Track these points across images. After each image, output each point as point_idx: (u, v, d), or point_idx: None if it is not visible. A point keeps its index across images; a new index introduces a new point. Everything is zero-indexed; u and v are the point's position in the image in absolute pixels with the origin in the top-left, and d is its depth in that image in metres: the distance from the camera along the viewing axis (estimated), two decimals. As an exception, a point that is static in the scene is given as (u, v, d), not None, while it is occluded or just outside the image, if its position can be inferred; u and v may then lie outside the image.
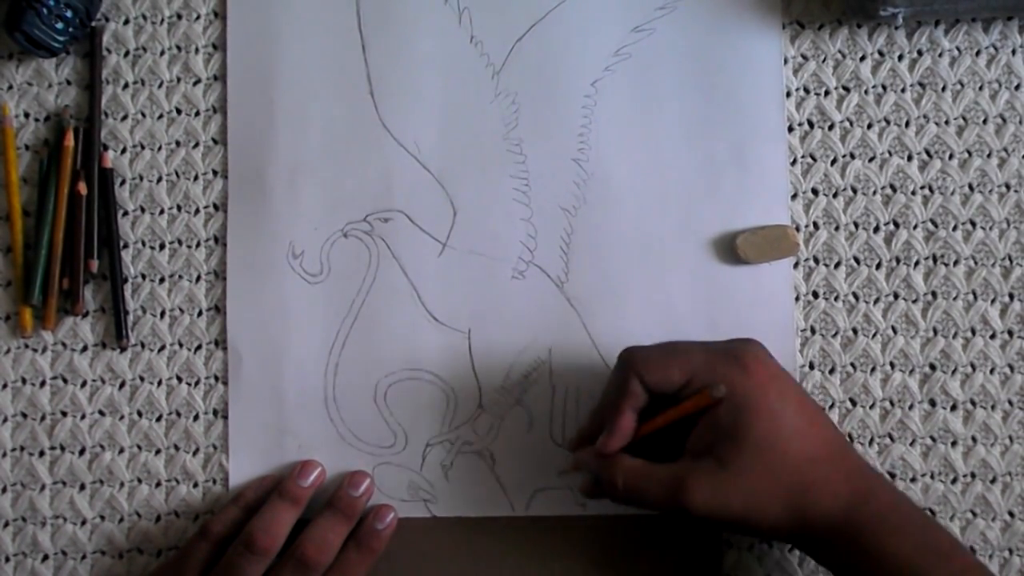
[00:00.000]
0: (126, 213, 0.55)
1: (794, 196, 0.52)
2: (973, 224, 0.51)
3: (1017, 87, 0.52)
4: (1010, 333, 0.51)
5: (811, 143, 0.52)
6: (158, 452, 0.53)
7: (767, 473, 0.41)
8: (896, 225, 0.52)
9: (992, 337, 0.51)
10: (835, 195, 0.52)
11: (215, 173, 0.54)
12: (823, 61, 0.53)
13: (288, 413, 0.52)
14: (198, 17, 0.55)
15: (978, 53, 0.52)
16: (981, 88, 0.52)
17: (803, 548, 0.44)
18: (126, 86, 0.55)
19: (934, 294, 0.51)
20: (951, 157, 0.52)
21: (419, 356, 0.52)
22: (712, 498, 0.41)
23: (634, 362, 0.44)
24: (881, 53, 0.52)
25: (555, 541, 0.51)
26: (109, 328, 0.54)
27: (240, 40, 0.55)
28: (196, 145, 0.55)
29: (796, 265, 0.52)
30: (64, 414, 0.54)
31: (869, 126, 0.52)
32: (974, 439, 0.50)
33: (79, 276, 0.53)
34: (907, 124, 0.52)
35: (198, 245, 0.54)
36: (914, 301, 0.51)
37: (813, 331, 0.51)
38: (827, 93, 0.52)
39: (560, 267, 0.52)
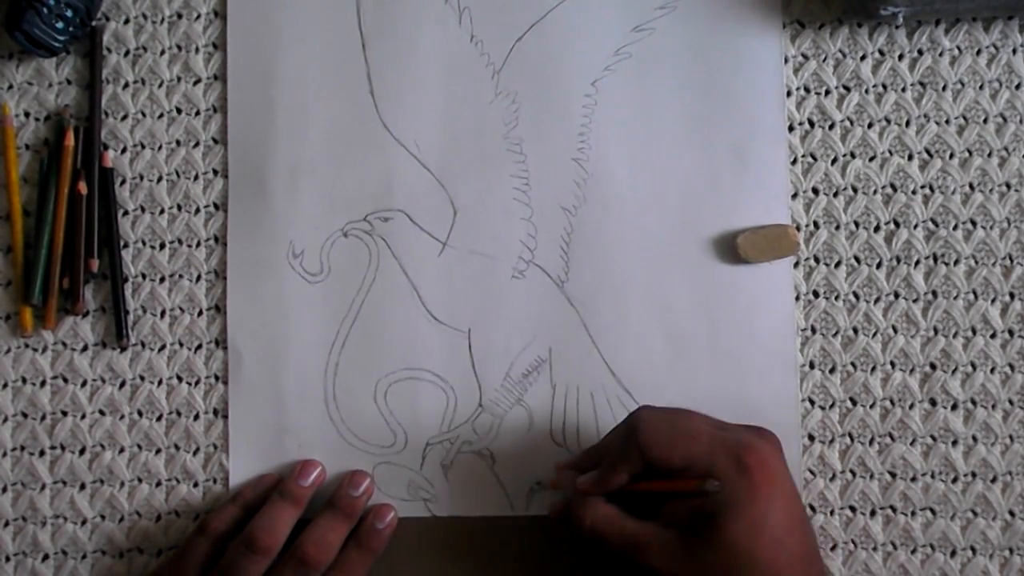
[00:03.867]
0: (126, 213, 0.55)
1: (794, 195, 0.52)
2: (974, 223, 0.51)
3: (1017, 86, 0.52)
4: (1010, 332, 0.50)
5: (811, 142, 0.52)
6: (158, 452, 0.53)
7: (728, 571, 0.41)
8: (896, 224, 0.51)
9: (992, 336, 0.51)
10: (835, 194, 0.52)
11: (215, 173, 0.54)
12: (823, 60, 0.53)
13: (288, 413, 0.52)
14: (198, 17, 0.55)
15: (978, 52, 0.52)
16: (981, 87, 0.52)
17: None
18: (126, 86, 0.55)
19: (934, 293, 0.51)
20: (951, 156, 0.52)
21: (419, 356, 0.52)
22: (666, 568, 0.42)
23: (640, 434, 0.44)
24: (881, 52, 0.52)
25: (555, 541, 0.51)
26: (109, 328, 0.54)
27: (240, 40, 0.55)
28: (196, 145, 0.55)
29: (796, 264, 0.52)
30: (64, 414, 0.54)
31: (869, 125, 0.52)
32: (974, 438, 0.50)
33: (79, 276, 0.53)
34: (907, 123, 0.52)
35: (198, 245, 0.54)
36: (914, 300, 0.51)
37: (813, 330, 0.51)
38: (827, 92, 0.52)
39: (560, 267, 0.52)
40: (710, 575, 0.41)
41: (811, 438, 0.51)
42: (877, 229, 0.52)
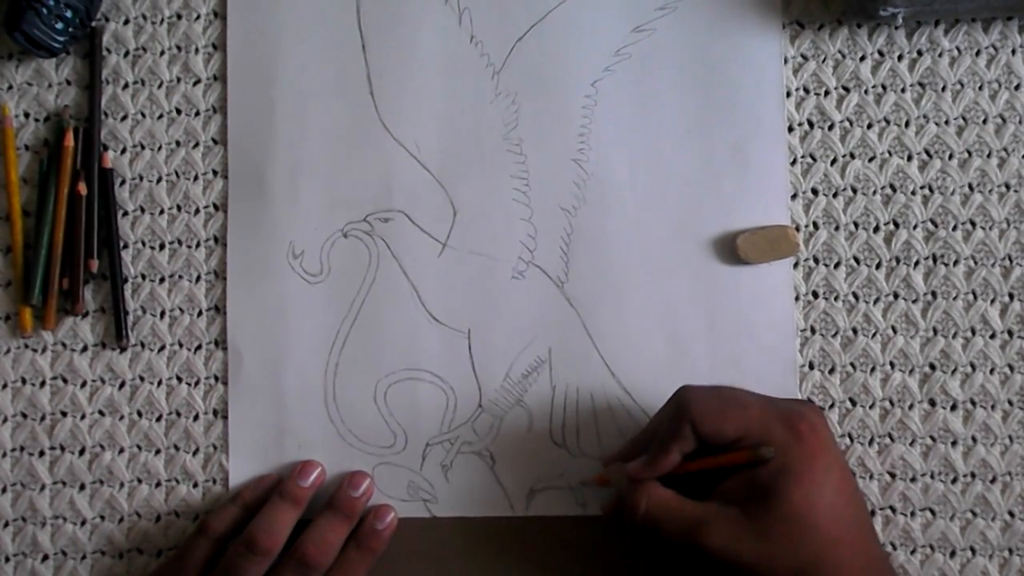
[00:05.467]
0: (126, 213, 0.55)
1: (794, 196, 0.52)
2: (973, 224, 0.51)
3: (1017, 87, 0.52)
4: (1010, 333, 0.51)
5: (811, 143, 0.52)
6: (158, 452, 0.53)
7: (789, 542, 0.41)
8: (896, 225, 0.52)
9: (992, 337, 0.51)
10: (835, 195, 0.52)
11: (215, 173, 0.54)
12: (823, 61, 0.53)
13: (288, 413, 0.52)
14: (198, 17, 0.55)
15: (978, 53, 0.52)
16: (981, 88, 0.52)
17: None
18: (126, 86, 0.55)
19: (934, 294, 0.51)
20: (951, 157, 0.52)
21: (419, 356, 0.52)
22: (728, 546, 0.41)
23: (690, 408, 0.43)
24: (881, 53, 0.52)
25: (555, 541, 0.51)
26: (109, 328, 0.54)
27: (240, 40, 0.55)
28: (196, 145, 0.55)
29: (796, 265, 0.52)
30: (64, 414, 0.54)
31: (869, 126, 0.52)
32: (974, 439, 0.50)
33: (79, 276, 0.53)
34: (907, 124, 0.52)
35: (198, 245, 0.54)
36: (914, 301, 0.51)
37: (813, 331, 0.51)
38: (827, 93, 0.52)
39: (560, 267, 0.52)
40: (773, 549, 0.41)
41: (811, 438, 0.51)
42: (876, 230, 0.52)
